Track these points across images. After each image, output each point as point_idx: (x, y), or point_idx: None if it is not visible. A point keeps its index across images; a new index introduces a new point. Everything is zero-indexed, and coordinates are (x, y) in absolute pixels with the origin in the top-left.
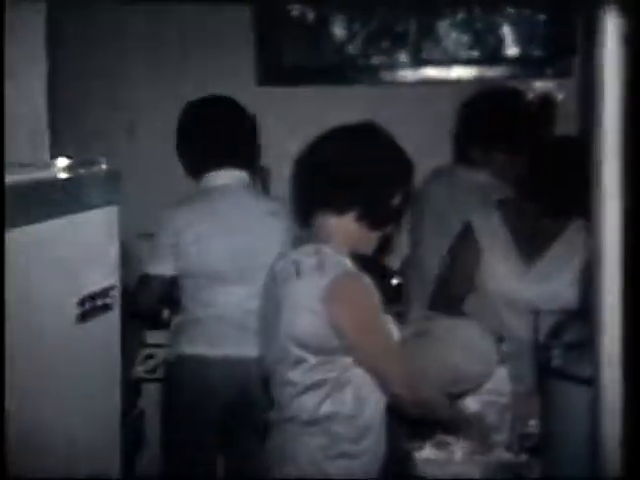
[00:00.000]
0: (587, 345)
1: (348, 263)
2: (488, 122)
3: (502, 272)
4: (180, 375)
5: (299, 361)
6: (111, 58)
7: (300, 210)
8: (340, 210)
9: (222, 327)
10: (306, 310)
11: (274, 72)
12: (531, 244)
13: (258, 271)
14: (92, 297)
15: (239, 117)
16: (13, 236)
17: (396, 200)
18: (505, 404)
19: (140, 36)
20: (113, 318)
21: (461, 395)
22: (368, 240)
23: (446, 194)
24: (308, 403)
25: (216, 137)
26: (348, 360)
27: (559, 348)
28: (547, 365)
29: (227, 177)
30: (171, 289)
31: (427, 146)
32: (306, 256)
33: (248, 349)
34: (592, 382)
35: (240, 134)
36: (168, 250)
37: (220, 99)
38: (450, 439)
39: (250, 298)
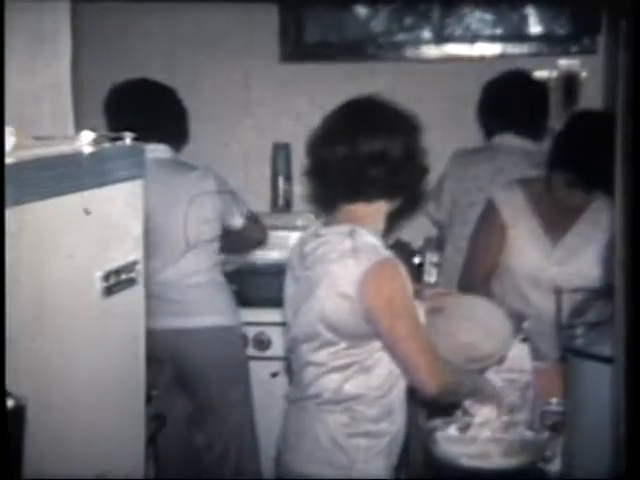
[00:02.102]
0: (610, 324)
1: (382, 247)
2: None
3: (526, 250)
4: None
5: (327, 343)
6: (135, 35)
7: (325, 200)
8: (392, 197)
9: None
10: (340, 294)
11: (297, 49)
12: (555, 221)
13: (168, 243)
14: (117, 271)
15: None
16: (37, 209)
17: (417, 173)
18: (526, 382)
19: (163, 14)
20: (137, 292)
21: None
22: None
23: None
24: (331, 383)
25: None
26: (376, 345)
27: (582, 327)
28: (570, 343)
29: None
30: None
31: (449, 122)
32: (339, 237)
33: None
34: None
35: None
36: None
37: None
38: (471, 418)
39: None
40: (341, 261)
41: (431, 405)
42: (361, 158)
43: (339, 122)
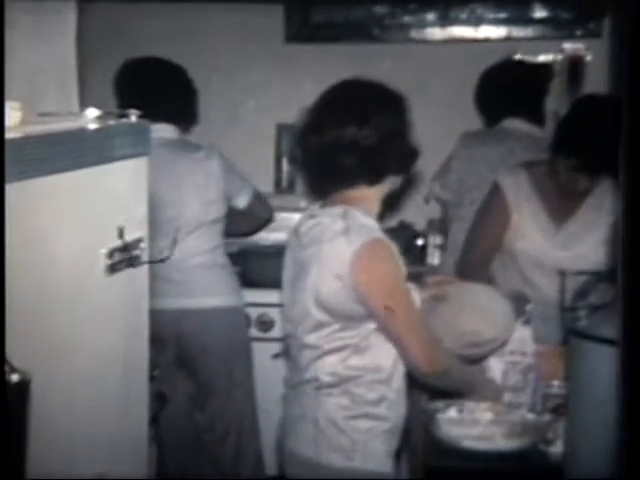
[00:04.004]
0: (613, 306)
1: (376, 227)
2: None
3: (531, 233)
4: None
5: (321, 325)
6: (140, 12)
7: (323, 185)
8: (373, 183)
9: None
10: (332, 275)
11: (302, 30)
12: (560, 205)
13: (172, 223)
14: (121, 249)
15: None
16: (42, 185)
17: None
18: (528, 364)
19: None
20: (142, 270)
21: (480, 360)
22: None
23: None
24: (327, 366)
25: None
26: (370, 327)
27: (585, 309)
28: (573, 325)
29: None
30: None
31: (453, 104)
32: (333, 219)
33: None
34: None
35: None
36: None
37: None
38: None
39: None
40: (333, 242)
41: (430, 387)
42: (331, 147)
43: (313, 111)
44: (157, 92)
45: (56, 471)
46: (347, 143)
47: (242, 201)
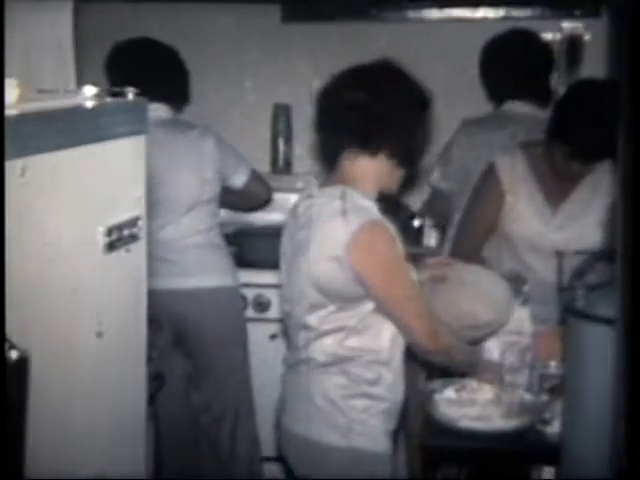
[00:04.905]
0: (611, 285)
1: (374, 209)
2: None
3: (526, 215)
4: None
5: (317, 306)
6: None
7: (328, 151)
8: (374, 150)
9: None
10: (329, 255)
11: (298, 9)
12: (556, 186)
13: (168, 202)
14: (119, 227)
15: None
16: (40, 162)
17: (421, 134)
18: (526, 345)
19: None
20: (140, 248)
21: (478, 341)
22: (395, 179)
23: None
24: (325, 346)
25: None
26: (367, 307)
27: (583, 288)
28: (570, 305)
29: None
30: None
31: (451, 85)
32: (331, 199)
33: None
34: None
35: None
36: None
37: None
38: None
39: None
40: (330, 222)
41: (429, 365)
42: (342, 107)
43: (337, 76)
44: (149, 72)
45: (53, 451)
46: (359, 105)
47: (239, 180)
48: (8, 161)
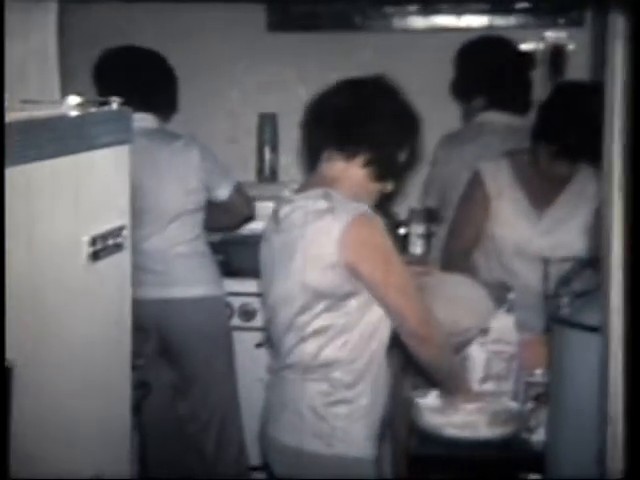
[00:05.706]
0: (596, 293)
1: (361, 204)
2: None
3: (512, 221)
4: None
5: (304, 307)
6: (122, 4)
7: (309, 154)
8: (348, 154)
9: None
10: (319, 255)
11: (284, 19)
12: (541, 193)
13: (153, 212)
14: (103, 236)
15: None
16: (23, 172)
17: (402, 155)
18: (512, 353)
19: None
20: (124, 258)
21: (459, 348)
22: (370, 192)
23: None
24: (309, 349)
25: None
26: (353, 304)
27: (568, 296)
28: (556, 313)
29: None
30: None
31: (435, 94)
32: (314, 200)
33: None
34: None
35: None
36: None
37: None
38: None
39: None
40: (319, 221)
41: (414, 369)
42: (338, 108)
43: (331, 85)
44: (136, 81)
45: (36, 457)
46: (343, 107)
47: (223, 193)
48: None
